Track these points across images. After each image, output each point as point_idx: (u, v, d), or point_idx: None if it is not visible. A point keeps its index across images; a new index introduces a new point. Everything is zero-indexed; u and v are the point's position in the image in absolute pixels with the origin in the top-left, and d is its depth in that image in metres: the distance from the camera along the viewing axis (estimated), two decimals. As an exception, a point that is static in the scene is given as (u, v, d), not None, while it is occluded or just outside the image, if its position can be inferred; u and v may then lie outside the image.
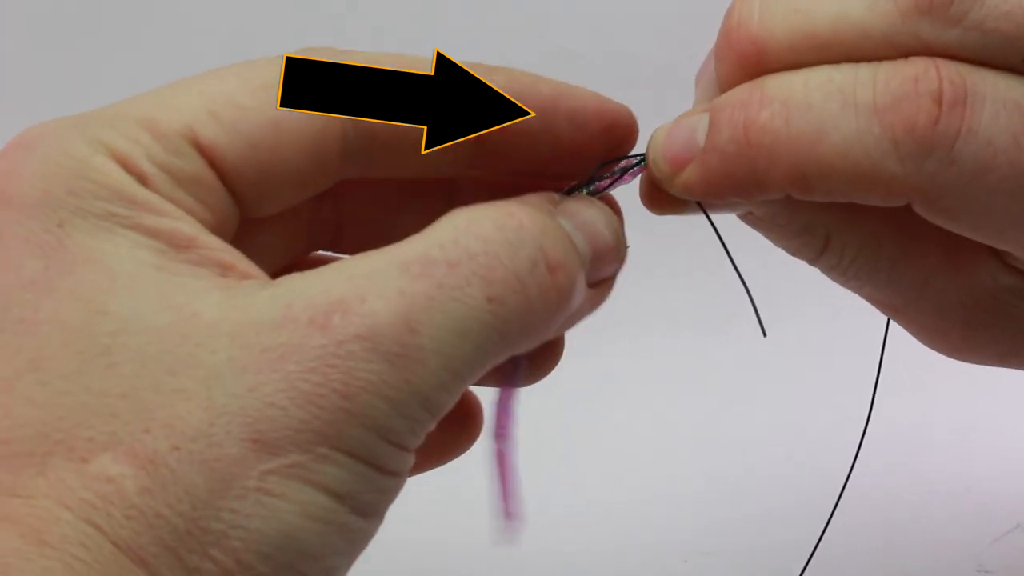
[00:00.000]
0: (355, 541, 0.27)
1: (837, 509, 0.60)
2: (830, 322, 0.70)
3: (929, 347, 0.36)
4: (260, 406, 0.25)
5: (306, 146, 0.30)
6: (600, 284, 0.32)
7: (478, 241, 0.28)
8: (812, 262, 0.34)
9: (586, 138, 0.33)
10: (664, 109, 0.34)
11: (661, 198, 0.33)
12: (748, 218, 0.35)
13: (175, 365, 0.26)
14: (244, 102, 0.29)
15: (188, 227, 0.28)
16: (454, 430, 0.36)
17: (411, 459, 0.28)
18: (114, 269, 0.27)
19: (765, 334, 0.34)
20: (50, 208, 0.27)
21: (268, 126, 0.29)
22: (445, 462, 0.36)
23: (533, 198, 0.31)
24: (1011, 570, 0.55)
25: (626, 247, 0.33)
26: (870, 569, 0.55)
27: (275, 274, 0.28)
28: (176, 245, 0.27)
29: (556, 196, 0.32)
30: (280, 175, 0.30)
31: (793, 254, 0.35)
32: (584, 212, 0.31)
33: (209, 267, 0.28)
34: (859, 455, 0.58)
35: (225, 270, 0.28)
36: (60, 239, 0.27)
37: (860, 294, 0.35)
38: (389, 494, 0.28)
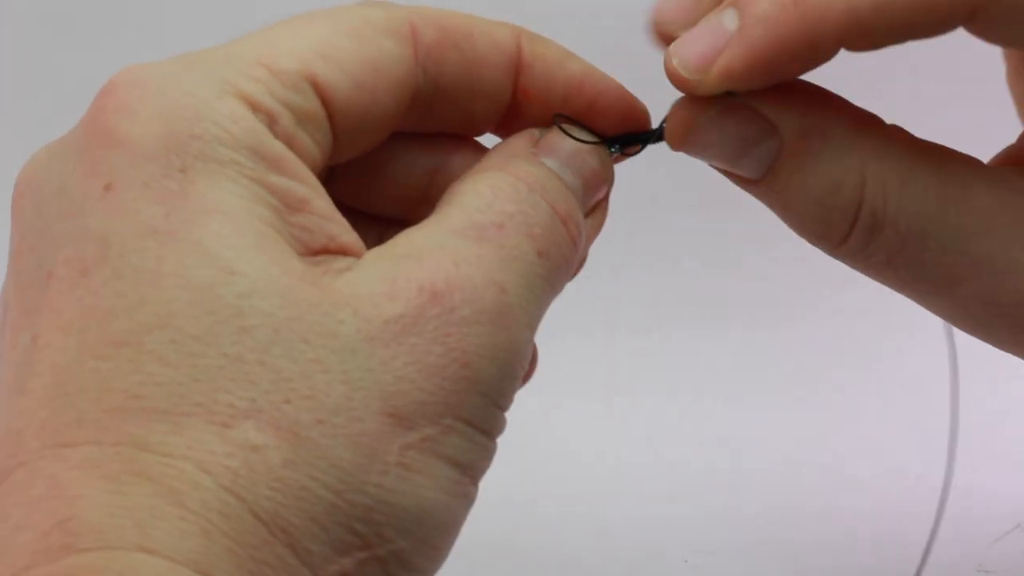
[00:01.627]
0: (469, 509, 0.28)
1: (840, 510, 0.60)
2: (831, 321, 0.70)
3: (971, 333, 0.32)
4: (393, 380, 0.26)
5: (396, 88, 0.30)
6: (595, 210, 0.32)
7: (508, 202, 0.29)
8: (843, 238, 0.30)
9: (598, 121, 0.33)
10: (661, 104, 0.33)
11: (690, 111, 0.31)
12: (779, 164, 0.31)
13: (307, 333, 0.25)
14: (343, 44, 0.29)
15: (302, 188, 0.27)
16: None
17: (506, 422, 0.28)
18: (240, 224, 0.26)
19: None
20: (171, 151, 0.26)
21: (369, 66, 0.29)
22: None
23: (517, 145, 0.31)
24: (1011, 570, 0.55)
25: (612, 168, 0.33)
26: (870, 567, 0.55)
27: None
28: (289, 206, 0.27)
29: (536, 132, 0.32)
30: (375, 116, 0.30)
31: (821, 228, 0.30)
32: (566, 144, 0.32)
33: (314, 235, 0.27)
34: (858, 456, 0.59)
35: (330, 239, 0.28)
36: (183, 185, 0.26)
37: (912, 274, 0.31)
38: (491, 460, 0.28)
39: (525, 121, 0.32)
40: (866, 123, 0.31)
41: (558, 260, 0.29)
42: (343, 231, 0.28)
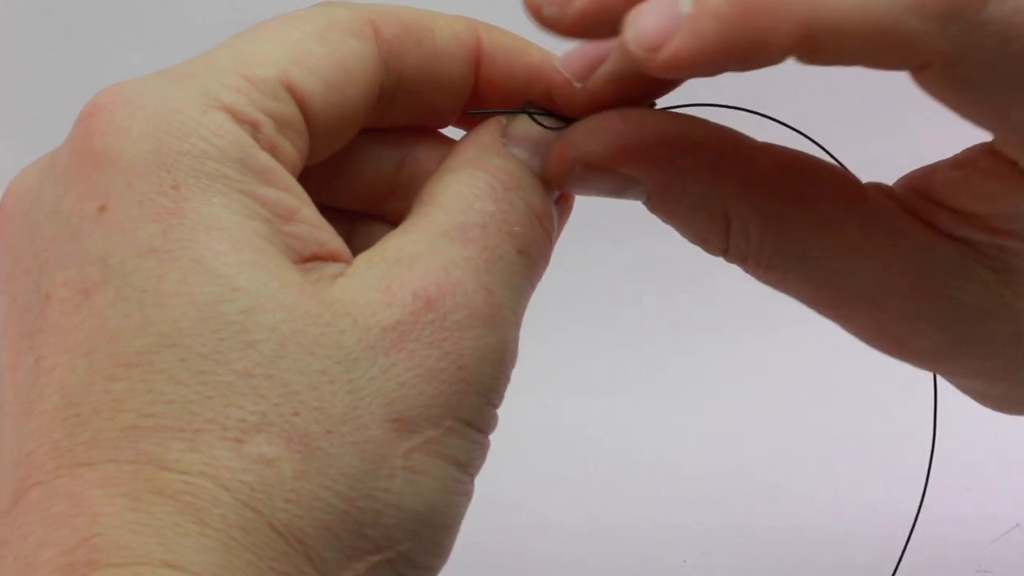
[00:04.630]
0: (468, 505, 0.28)
1: (839, 510, 0.60)
2: (829, 324, 0.70)
3: (873, 347, 0.33)
4: (395, 386, 0.26)
5: (365, 87, 0.30)
6: (564, 197, 0.33)
7: (488, 201, 0.29)
8: (723, 253, 0.32)
9: (560, 104, 0.32)
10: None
11: (558, 169, 0.31)
12: (650, 204, 0.32)
13: (311, 345, 0.26)
14: (315, 47, 0.29)
15: (290, 198, 0.27)
16: None
17: (498, 419, 0.29)
18: (237, 239, 0.26)
19: None
20: (163, 168, 0.26)
21: (340, 68, 0.29)
22: None
23: (487, 136, 0.32)
24: (1010, 570, 0.55)
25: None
26: (869, 567, 0.55)
27: None
28: (280, 216, 0.27)
29: (504, 120, 0.32)
30: (346, 116, 0.30)
31: (702, 244, 0.32)
32: (534, 131, 0.32)
33: (305, 243, 0.28)
34: (860, 458, 0.59)
35: (320, 247, 0.28)
36: (176, 202, 0.26)
37: (788, 292, 0.33)
38: (486, 456, 0.29)
39: (485, 114, 0.33)
40: (731, 157, 0.31)
41: (536, 257, 0.30)
42: (331, 237, 0.28)
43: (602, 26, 0.28)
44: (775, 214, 0.31)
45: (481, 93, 0.32)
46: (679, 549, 0.57)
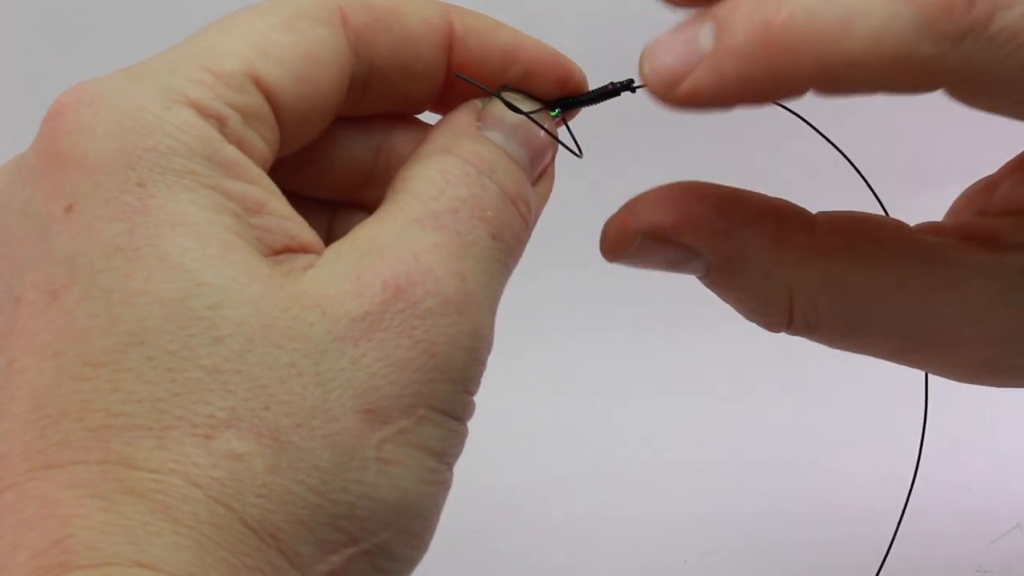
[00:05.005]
0: (447, 495, 0.28)
1: (839, 510, 0.60)
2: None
3: (963, 381, 0.33)
4: (365, 377, 0.26)
5: (335, 76, 0.30)
6: (542, 177, 0.33)
7: (460, 186, 0.29)
8: (786, 327, 0.32)
9: (536, 87, 0.33)
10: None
11: (617, 240, 0.32)
12: (710, 278, 0.33)
13: (279, 339, 0.26)
14: (281, 38, 0.29)
15: (258, 191, 0.27)
16: None
17: (475, 406, 0.29)
18: (203, 234, 0.26)
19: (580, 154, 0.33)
20: (128, 166, 0.26)
21: (308, 59, 0.29)
22: None
23: (461, 121, 0.31)
24: (1010, 570, 0.55)
25: (556, 131, 0.33)
26: (869, 567, 0.55)
27: None
28: (248, 209, 0.27)
29: (478, 104, 0.32)
30: (317, 106, 0.30)
31: (761, 320, 0.32)
32: (510, 115, 0.32)
33: (275, 236, 0.28)
34: (859, 457, 0.58)
35: (290, 239, 0.28)
36: (142, 200, 0.26)
37: (866, 351, 0.33)
38: (463, 444, 0.29)
39: (462, 96, 0.33)
40: (790, 230, 0.31)
41: (511, 241, 0.30)
42: (302, 229, 0.28)
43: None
44: (841, 277, 0.31)
45: (456, 78, 0.32)
46: (679, 549, 0.57)
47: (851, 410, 0.67)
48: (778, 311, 0.31)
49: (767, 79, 0.27)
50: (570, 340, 0.71)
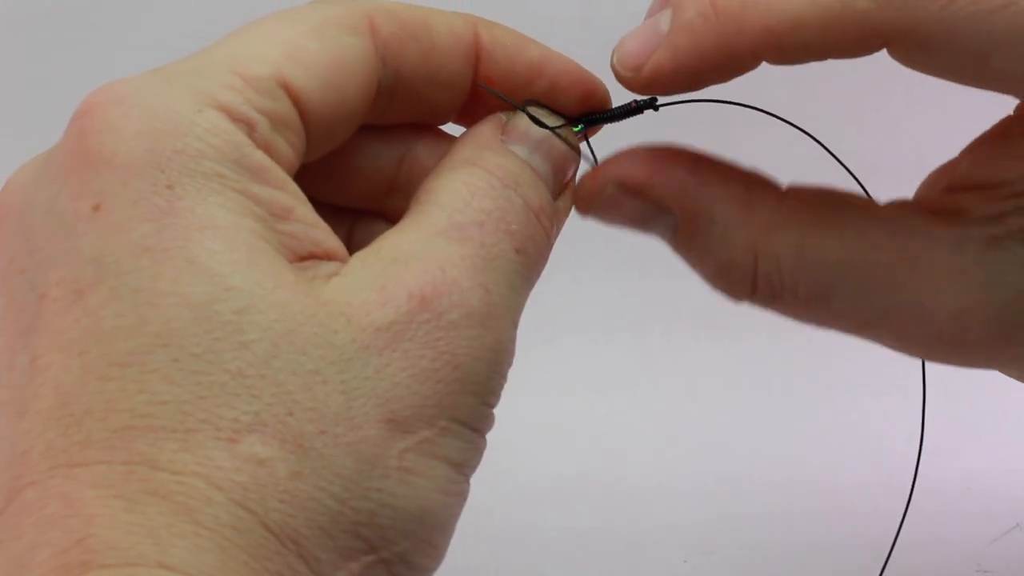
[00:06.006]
0: (463, 505, 0.28)
1: (838, 510, 0.60)
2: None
3: (931, 359, 0.33)
4: (388, 386, 0.26)
5: (362, 84, 0.30)
6: (564, 190, 0.33)
7: (486, 199, 0.29)
8: (750, 294, 0.32)
9: (561, 102, 0.33)
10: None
11: (591, 188, 0.33)
12: (676, 239, 0.33)
13: (304, 345, 0.26)
14: (310, 45, 0.29)
15: (285, 197, 0.27)
16: None
17: (495, 419, 0.29)
18: (231, 239, 0.26)
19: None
20: (157, 168, 0.26)
21: (335, 65, 0.29)
22: None
23: (485, 134, 0.32)
24: (1010, 570, 0.55)
25: (579, 147, 0.33)
26: (868, 568, 0.55)
27: None
28: (275, 215, 0.27)
29: (502, 117, 0.32)
30: (344, 113, 0.30)
31: (726, 286, 0.32)
32: (534, 128, 0.32)
33: (301, 242, 0.28)
34: (859, 457, 0.58)
35: (315, 245, 0.28)
36: (171, 202, 0.26)
37: (830, 323, 0.32)
38: (481, 456, 0.29)
39: (487, 108, 0.33)
40: (758, 193, 0.32)
41: (534, 255, 0.30)
42: (327, 236, 0.28)
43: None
44: (805, 242, 0.31)
45: (481, 90, 0.32)
46: (680, 549, 0.57)
47: (851, 411, 0.67)
48: (742, 275, 0.31)
49: (719, 50, 0.29)
50: (570, 342, 0.71)
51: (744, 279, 0.32)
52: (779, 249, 0.31)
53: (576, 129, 0.33)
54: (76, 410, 0.25)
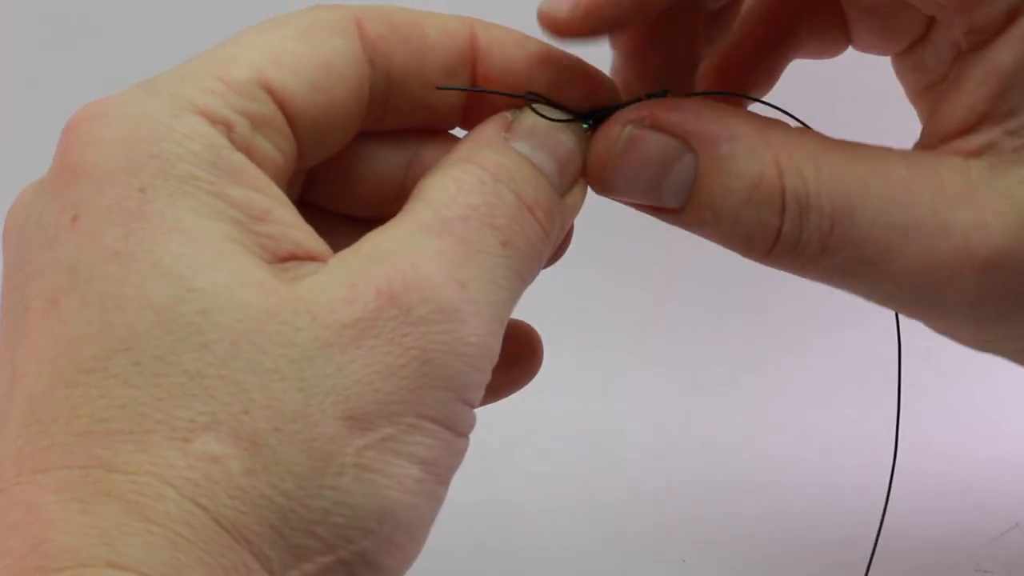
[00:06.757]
0: (436, 509, 0.28)
1: (836, 509, 0.60)
2: (825, 327, 0.70)
3: (969, 296, 0.32)
4: (349, 384, 0.26)
5: (352, 85, 0.30)
6: (572, 187, 0.32)
7: (473, 195, 0.29)
8: (771, 244, 0.31)
9: (566, 99, 0.33)
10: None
11: (604, 143, 0.32)
12: (693, 211, 0.32)
13: (265, 344, 0.26)
14: (295, 47, 0.29)
15: (262, 199, 0.28)
16: (516, 367, 0.36)
17: (475, 419, 0.28)
18: (197, 240, 0.26)
19: None
20: (131, 173, 0.26)
21: (323, 68, 0.29)
22: (504, 396, 0.36)
23: (488, 132, 0.31)
24: (1009, 569, 0.55)
25: (587, 144, 0.33)
26: (871, 568, 0.55)
27: None
28: (252, 216, 0.27)
29: (508, 116, 0.32)
30: (335, 115, 0.30)
31: (759, 209, 0.31)
32: (539, 124, 0.31)
33: (279, 243, 0.28)
34: (857, 456, 0.58)
35: (296, 246, 0.28)
36: (141, 205, 0.26)
37: (858, 251, 0.31)
38: (460, 457, 0.28)
39: (492, 110, 0.32)
40: (770, 122, 0.32)
41: (526, 249, 0.29)
42: (308, 237, 0.28)
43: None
44: (823, 156, 0.31)
45: (482, 91, 0.32)
46: (678, 548, 0.57)
47: (851, 411, 0.67)
48: (770, 192, 0.30)
49: None
50: (568, 341, 0.71)
51: (773, 196, 0.30)
52: (800, 164, 0.30)
53: (585, 126, 0.33)
54: (44, 417, 0.25)
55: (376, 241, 0.28)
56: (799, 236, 0.31)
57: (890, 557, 0.47)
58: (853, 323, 0.71)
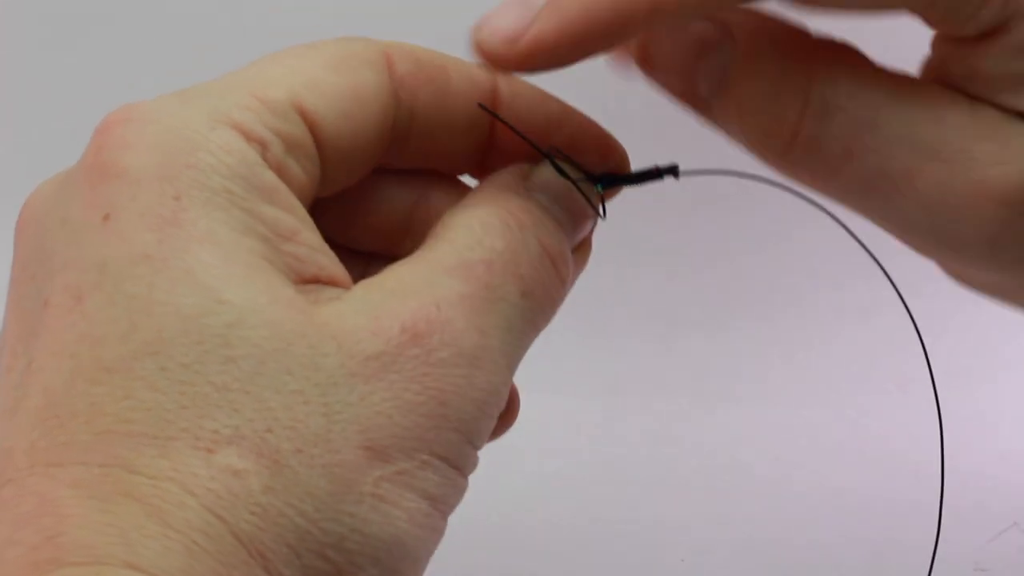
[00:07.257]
0: (437, 543, 0.28)
1: (834, 509, 0.60)
2: (829, 323, 0.70)
3: (996, 232, 0.31)
4: (370, 414, 0.26)
5: (378, 118, 0.30)
6: (581, 246, 0.33)
7: (498, 239, 0.29)
8: (790, 142, 0.30)
9: (578, 160, 0.33)
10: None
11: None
12: (722, 101, 0.31)
13: (291, 365, 0.26)
14: (328, 75, 0.29)
15: (291, 219, 0.28)
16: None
17: (478, 461, 0.29)
18: (229, 254, 0.26)
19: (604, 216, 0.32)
20: (167, 180, 0.26)
21: (351, 97, 0.29)
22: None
23: (509, 179, 0.31)
24: (1008, 568, 0.55)
25: (597, 204, 0.33)
26: (868, 567, 0.55)
27: None
28: (280, 235, 0.27)
29: (525, 167, 0.32)
30: (359, 146, 0.30)
31: (772, 130, 0.30)
32: (558, 180, 0.32)
33: (305, 265, 0.28)
34: (857, 456, 0.58)
35: (320, 269, 0.28)
36: (175, 213, 0.26)
37: (867, 181, 0.31)
38: (461, 496, 0.29)
39: (506, 162, 0.32)
40: (815, 35, 0.31)
41: (543, 300, 0.30)
42: (331, 262, 0.28)
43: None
44: (858, 69, 0.30)
45: (497, 140, 0.32)
46: (676, 547, 0.57)
47: (853, 411, 0.67)
48: (796, 89, 0.30)
49: (612, 8, 0.28)
50: (567, 340, 0.71)
51: (799, 91, 0.30)
52: (834, 66, 0.30)
53: (596, 188, 0.33)
54: (62, 412, 0.25)
55: (400, 275, 0.28)
56: (820, 136, 0.30)
57: (887, 556, 0.47)
58: (854, 324, 0.71)
